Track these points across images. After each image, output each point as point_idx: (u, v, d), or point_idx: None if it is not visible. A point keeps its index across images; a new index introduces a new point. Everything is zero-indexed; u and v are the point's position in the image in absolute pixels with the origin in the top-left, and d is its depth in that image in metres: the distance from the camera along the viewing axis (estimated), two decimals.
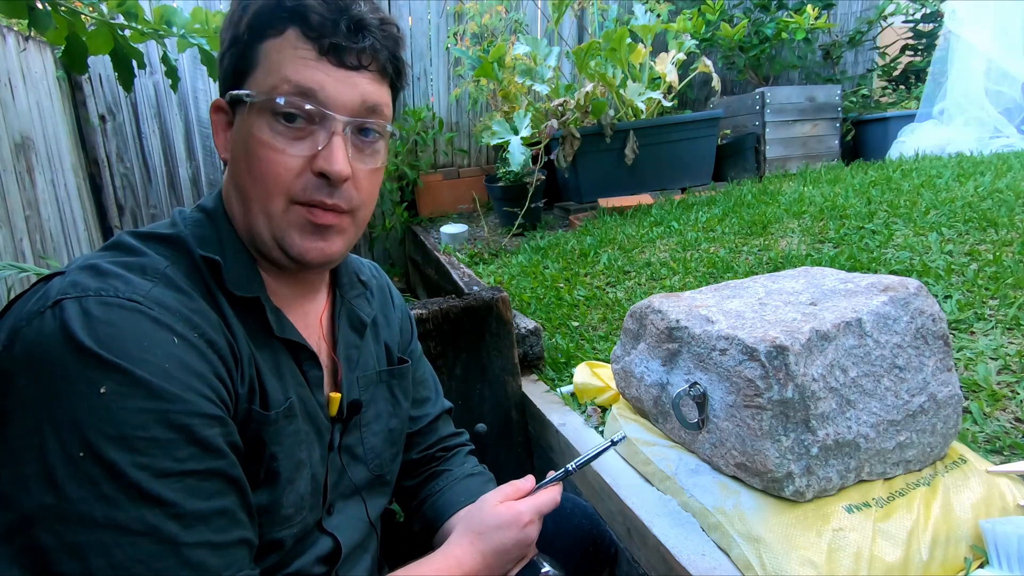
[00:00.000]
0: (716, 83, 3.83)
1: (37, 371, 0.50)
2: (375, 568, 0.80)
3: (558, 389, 1.59)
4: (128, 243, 0.62)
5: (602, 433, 1.33)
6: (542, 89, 3.42)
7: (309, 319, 0.74)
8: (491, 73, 3.38)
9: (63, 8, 1.62)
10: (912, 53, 4.92)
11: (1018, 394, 1.15)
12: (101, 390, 0.50)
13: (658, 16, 3.67)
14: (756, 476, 0.91)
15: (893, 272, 1.75)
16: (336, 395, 0.74)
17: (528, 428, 1.60)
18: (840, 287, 1.03)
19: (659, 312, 1.11)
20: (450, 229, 3.42)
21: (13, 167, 2.51)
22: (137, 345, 0.52)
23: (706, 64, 3.69)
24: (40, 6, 1.55)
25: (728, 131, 4.13)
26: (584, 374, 1.49)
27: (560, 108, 3.43)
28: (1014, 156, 3.09)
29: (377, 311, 0.85)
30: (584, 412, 1.45)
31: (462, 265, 2.83)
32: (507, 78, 3.54)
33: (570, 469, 0.80)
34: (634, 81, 3.54)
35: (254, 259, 0.67)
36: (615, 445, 0.81)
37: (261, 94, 0.62)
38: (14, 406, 0.50)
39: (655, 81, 3.67)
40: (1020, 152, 3.29)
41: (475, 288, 2.03)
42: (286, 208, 0.64)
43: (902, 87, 4.93)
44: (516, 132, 3.18)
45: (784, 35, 4.24)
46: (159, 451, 0.50)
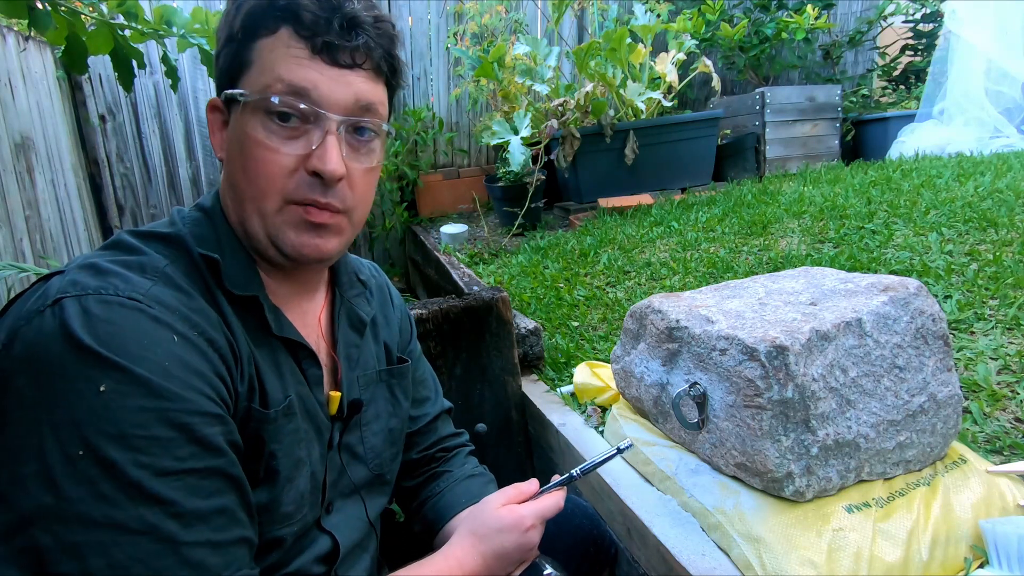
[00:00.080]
0: (716, 83, 3.83)
1: (36, 370, 0.50)
2: (375, 568, 0.80)
3: (558, 389, 1.59)
4: (127, 242, 0.62)
5: (602, 433, 1.33)
6: (542, 89, 3.42)
7: (308, 318, 0.74)
8: (491, 73, 3.38)
9: (63, 8, 1.62)
10: (912, 53, 4.92)
11: (1018, 394, 1.15)
12: (100, 388, 0.49)
13: (658, 16, 3.67)
14: (756, 476, 0.91)
15: (893, 272, 1.75)
16: (336, 394, 0.74)
17: (528, 428, 1.60)
18: (840, 287, 1.03)
19: (659, 312, 1.11)
20: (450, 229, 3.42)
21: (13, 167, 2.51)
22: (137, 343, 0.52)
23: (706, 64, 3.69)
24: (40, 6, 1.55)
25: (728, 131, 4.13)
26: (584, 374, 1.49)
27: (560, 108, 3.43)
28: (1014, 156, 3.09)
29: (376, 311, 0.85)
30: (584, 412, 1.45)
31: (462, 265, 2.83)
32: (507, 78, 3.54)
33: (575, 475, 0.80)
34: (634, 81, 3.54)
35: (252, 258, 0.68)
36: (621, 453, 0.80)
37: (255, 93, 0.62)
38: (13, 405, 0.50)
39: (655, 81, 3.67)
40: (1020, 152, 3.29)
41: (475, 288, 2.03)
42: (280, 207, 0.63)
43: (902, 87, 4.92)
44: (516, 132, 3.18)
45: (784, 35, 4.24)
46: (159, 450, 0.50)
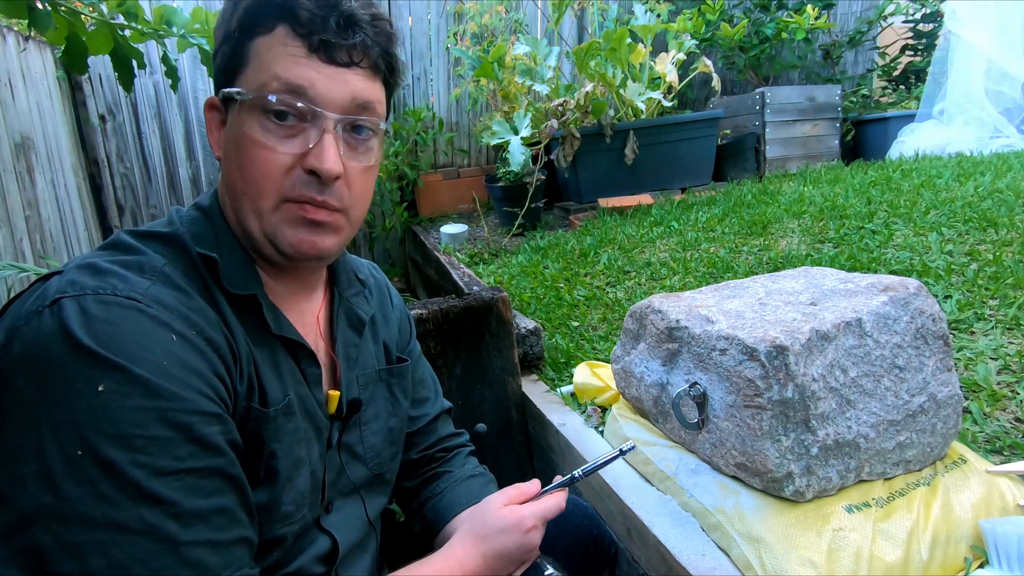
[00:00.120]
0: (716, 83, 3.83)
1: (35, 370, 0.50)
2: (375, 568, 0.80)
3: (558, 389, 1.59)
4: (126, 242, 0.62)
5: (602, 433, 1.33)
6: (542, 89, 3.42)
7: (306, 317, 0.74)
8: (491, 73, 3.38)
9: (63, 8, 1.62)
10: (912, 53, 4.92)
11: (1018, 394, 1.15)
12: (99, 388, 0.49)
13: (658, 16, 3.67)
14: (756, 476, 0.91)
15: (893, 272, 1.75)
16: (335, 393, 0.74)
17: (528, 428, 1.60)
18: (840, 287, 1.03)
19: (659, 312, 1.11)
20: (450, 229, 3.42)
21: (13, 167, 2.51)
22: (136, 343, 0.52)
23: (706, 64, 3.69)
24: (40, 6, 1.55)
25: (728, 131, 4.13)
26: (584, 374, 1.49)
27: (560, 108, 3.43)
28: (1014, 156, 3.09)
29: (376, 310, 0.85)
30: (584, 412, 1.45)
31: (462, 265, 2.83)
32: (507, 78, 3.54)
33: (577, 476, 0.80)
34: (634, 81, 3.54)
35: (250, 257, 0.67)
36: (624, 455, 0.80)
37: (251, 92, 0.62)
38: (12, 406, 0.50)
39: (655, 81, 3.67)
40: (1020, 152, 3.29)
41: (475, 288, 2.03)
42: (276, 206, 0.63)
43: (902, 87, 4.92)
44: (516, 132, 3.18)
45: (784, 35, 4.24)
46: (158, 449, 0.50)
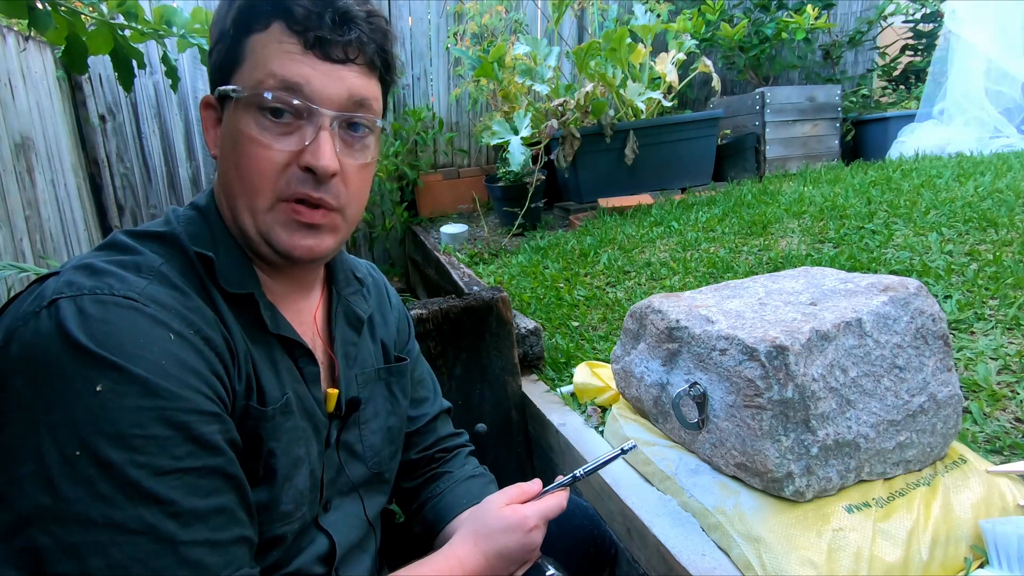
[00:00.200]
0: (716, 83, 3.83)
1: (33, 371, 0.50)
2: (374, 568, 0.80)
3: (558, 389, 1.59)
4: (123, 242, 0.62)
5: (602, 433, 1.33)
6: (542, 89, 3.42)
7: (304, 316, 0.74)
8: (491, 73, 3.38)
9: (63, 8, 1.62)
10: (912, 53, 4.92)
11: (1018, 394, 1.15)
12: (97, 388, 0.49)
13: (658, 16, 3.67)
14: (756, 476, 0.91)
15: (893, 272, 1.75)
16: (333, 391, 0.73)
17: (528, 428, 1.60)
18: (840, 287, 1.03)
19: (659, 312, 1.11)
20: (450, 229, 3.42)
21: (13, 167, 2.51)
22: (133, 342, 0.52)
23: (706, 64, 3.69)
24: (40, 6, 1.55)
25: (728, 131, 4.13)
26: (584, 374, 1.49)
27: (560, 108, 3.43)
28: (1014, 156, 3.09)
29: (374, 310, 0.85)
30: (584, 412, 1.45)
31: (462, 265, 2.83)
32: (507, 78, 3.54)
33: (578, 475, 0.80)
34: (634, 81, 3.54)
35: (247, 255, 0.67)
36: (625, 454, 0.80)
37: (248, 89, 0.61)
38: (10, 406, 0.50)
39: (655, 81, 3.67)
40: (1020, 152, 3.29)
41: (475, 288, 2.03)
42: (271, 206, 0.63)
43: (902, 87, 4.93)
44: (516, 132, 3.18)
45: (784, 35, 4.24)
46: (156, 449, 0.50)
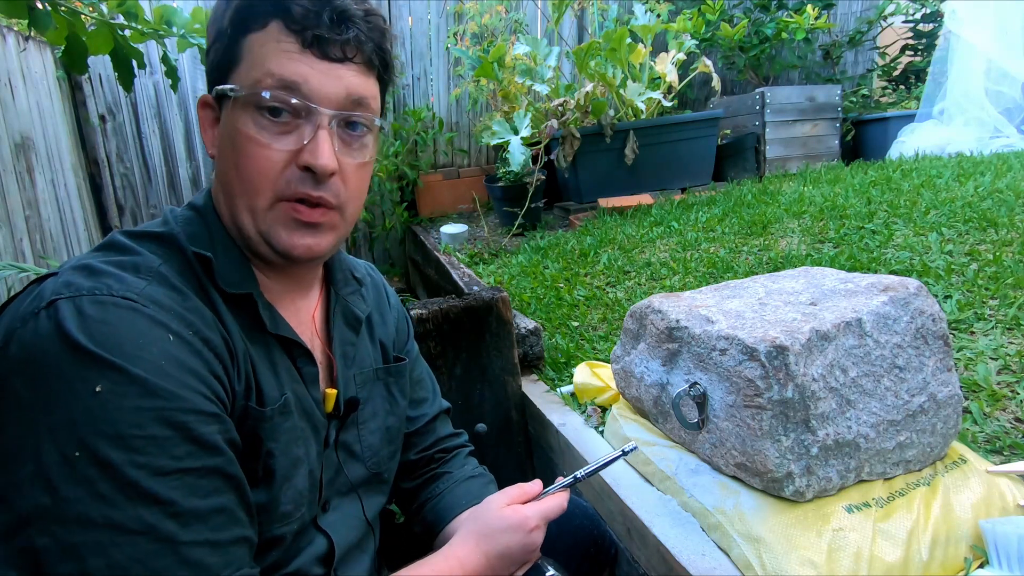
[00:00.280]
0: (716, 83, 3.83)
1: (32, 372, 0.50)
2: (373, 569, 0.80)
3: (558, 389, 1.59)
4: (121, 242, 0.62)
5: (602, 433, 1.33)
6: (542, 89, 3.42)
7: (302, 315, 0.74)
8: (491, 73, 3.38)
9: (63, 8, 1.62)
10: (912, 53, 4.92)
11: (1018, 394, 1.15)
12: (97, 389, 0.49)
13: (658, 16, 3.67)
14: (756, 476, 0.91)
15: (893, 272, 1.75)
16: (332, 391, 0.73)
17: (528, 428, 1.60)
18: (840, 287, 1.03)
19: (659, 312, 1.11)
20: (450, 229, 3.42)
21: (13, 167, 2.51)
22: (132, 343, 0.52)
23: (706, 64, 3.69)
24: (40, 6, 1.55)
25: (728, 131, 4.13)
26: (584, 374, 1.49)
27: (560, 108, 3.43)
28: (1014, 156, 3.09)
29: (373, 310, 0.85)
30: (584, 412, 1.45)
31: (462, 265, 2.83)
32: (507, 78, 3.54)
33: (579, 477, 0.80)
34: (634, 81, 3.54)
35: (245, 255, 0.67)
36: (625, 455, 0.80)
37: (246, 88, 0.61)
38: (10, 407, 0.50)
39: (655, 81, 3.67)
40: (1020, 152, 3.29)
41: (475, 288, 2.03)
42: (271, 205, 0.63)
43: (902, 87, 4.93)
44: (516, 132, 3.18)
45: (784, 35, 4.24)
46: (156, 449, 0.50)
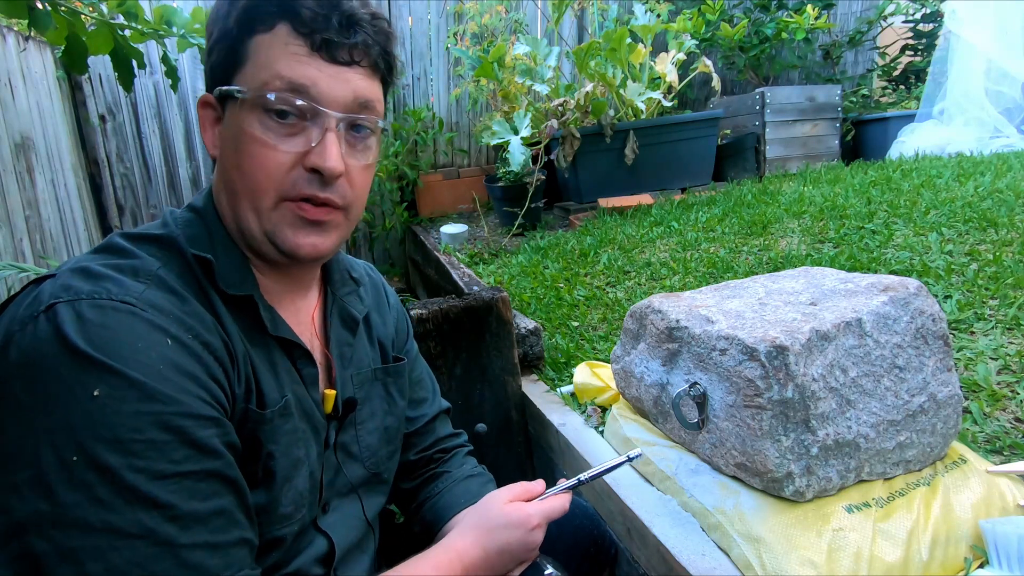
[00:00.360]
0: (716, 83, 3.83)
1: (31, 376, 0.50)
2: (373, 568, 0.80)
3: (558, 389, 1.59)
4: (119, 245, 0.62)
5: (602, 433, 1.33)
6: (542, 89, 3.42)
7: (301, 316, 0.74)
8: (491, 73, 3.38)
9: (63, 8, 1.62)
10: (912, 53, 4.92)
11: (1018, 394, 1.15)
12: (95, 393, 0.49)
13: (658, 16, 3.67)
14: (756, 476, 0.91)
15: (893, 272, 1.75)
16: (331, 392, 0.73)
17: (528, 428, 1.60)
18: (840, 287, 1.03)
19: (659, 312, 1.11)
20: (450, 229, 3.42)
21: (13, 167, 2.51)
22: (131, 347, 0.52)
23: (706, 64, 3.69)
24: (40, 6, 1.55)
25: (728, 131, 4.13)
26: (584, 374, 1.49)
27: (560, 108, 3.43)
28: (1014, 156, 3.09)
29: (372, 310, 0.85)
30: (584, 412, 1.45)
31: (462, 265, 2.83)
32: (507, 78, 3.54)
33: (582, 480, 0.80)
34: (634, 81, 3.54)
35: (245, 257, 0.67)
36: (631, 461, 0.80)
37: (252, 90, 0.61)
38: (8, 411, 0.50)
39: (655, 81, 3.67)
40: (1020, 152, 3.29)
41: (475, 288, 2.03)
42: (275, 205, 0.63)
43: (902, 87, 4.93)
44: (516, 132, 3.18)
45: (784, 35, 4.24)
46: (155, 453, 0.50)
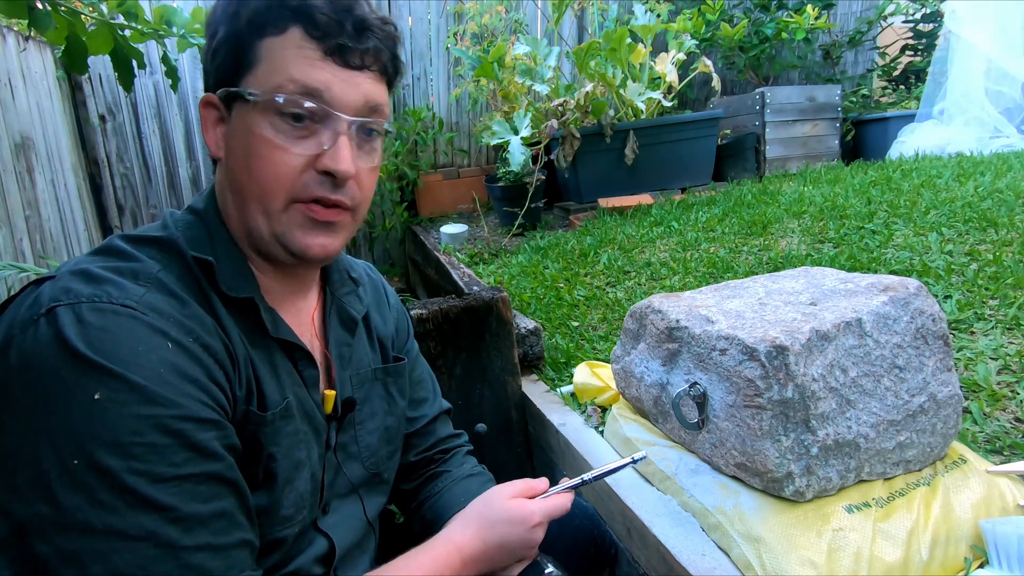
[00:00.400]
0: (716, 83, 3.83)
1: (32, 379, 0.50)
2: (374, 567, 0.80)
3: (558, 389, 1.59)
4: (119, 247, 0.61)
5: (602, 433, 1.33)
6: (542, 89, 3.42)
7: (302, 317, 0.74)
8: (491, 73, 3.38)
9: (63, 8, 1.62)
10: (912, 53, 4.92)
11: (1018, 394, 1.15)
12: (96, 396, 0.49)
13: (658, 16, 3.67)
14: (756, 476, 0.91)
15: (893, 272, 1.75)
16: (330, 393, 0.74)
17: (528, 428, 1.60)
18: (840, 287, 1.03)
19: (659, 312, 1.11)
20: (450, 229, 3.42)
21: (13, 167, 2.51)
22: (132, 350, 0.52)
23: (706, 64, 3.69)
24: (40, 6, 1.55)
25: (728, 131, 4.13)
26: (584, 374, 1.49)
27: (560, 108, 3.43)
28: (1014, 156, 3.09)
29: (372, 309, 0.85)
30: (584, 412, 1.45)
31: (462, 265, 2.83)
32: (507, 78, 3.54)
33: (585, 480, 0.79)
34: (634, 81, 3.54)
35: (246, 258, 0.67)
36: (635, 463, 0.80)
37: (265, 93, 0.61)
38: (8, 415, 0.50)
39: (655, 81, 3.67)
40: (1020, 152, 3.29)
41: (475, 288, 2.03)
42: (285, 207, 0.64)
43: (902, 87, 4.93)
44: (516, 132, 3.18)
45: (784, 35, 4.24)
46: (155, 456, 0.50)
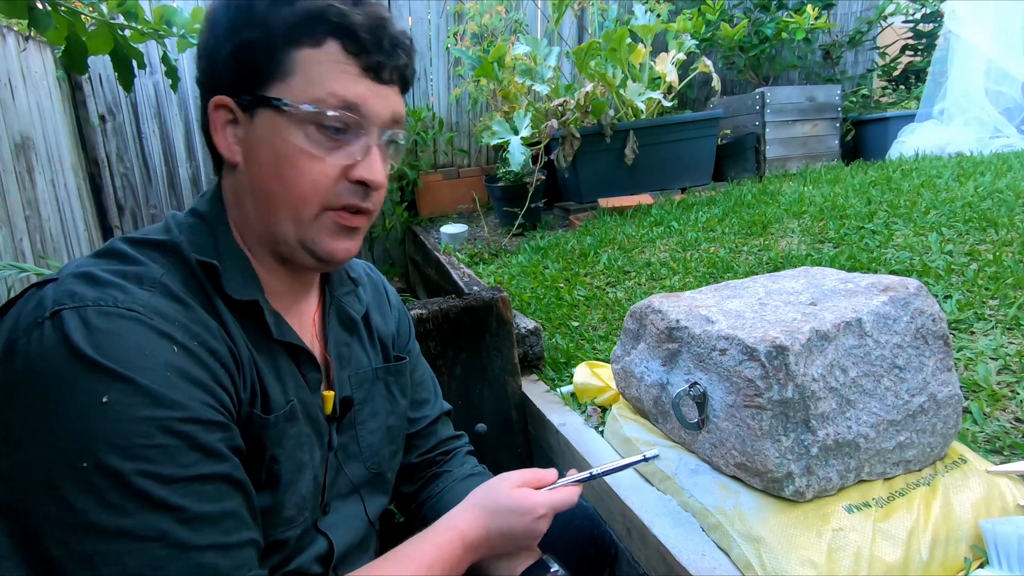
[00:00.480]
0: (716, 83, 3.83)
1: (38, 383, 0.50)
2: None
3: (558, 389, 1.59)
4: (122, 250, 0.61)
5: (602, 433, 1.33)
6: (542, 89, 3.42)
7: (304, 318, 0.75)
8: (491, 73, 3.38)
9: (63, 8, 1.62)
10: (912, 53, 4.93)
11: (1018, 394, 1.15)
12: (104, 400, 0.50)
13: (658, 16, 3.67)
14: (756, 476, 0.91)
15: (893, 272, 1.75)
16: (329, 393, 0.74)
17: (528, 428, 1.60)
18: (840, 287, 1.03)
19: (659, 312, 1.11)
20: (450, 229, 3.42)
21: (13, 167, 2.51)
22: (139, 354, 0.52)
23: (706, 64, 3.69)
24: (40, 6, 1.55)
25: (728, 131, 4.13)
26: (584, 374, 1.49)
27: (560, 108, 3.43)
28: (1014, 156, 3.09)
29: (373, 309, 0.85)
30: (584, 412, 1.45)
31: (462, 265, 2.83)
32: (507, 78, 3.54)
33: (594, 474, 0.79)
34: (634, 81, 3.54)
35: (250, 262, 0.68)
36: (647, 461, 0.79)
37: (305, 104, 0.62)
38: (16, 419, 0.50)
39: (655, 81, 3.67)
40: (1020, 152, 3.29)
41: (475, 288, 2.03)
42: (318, 214, 0.65)
43: (902, 87, 4.93)
44: (516, 132, 3.18)
45: (784, 35, 4.24)
46: (164, 458, 0.51)
